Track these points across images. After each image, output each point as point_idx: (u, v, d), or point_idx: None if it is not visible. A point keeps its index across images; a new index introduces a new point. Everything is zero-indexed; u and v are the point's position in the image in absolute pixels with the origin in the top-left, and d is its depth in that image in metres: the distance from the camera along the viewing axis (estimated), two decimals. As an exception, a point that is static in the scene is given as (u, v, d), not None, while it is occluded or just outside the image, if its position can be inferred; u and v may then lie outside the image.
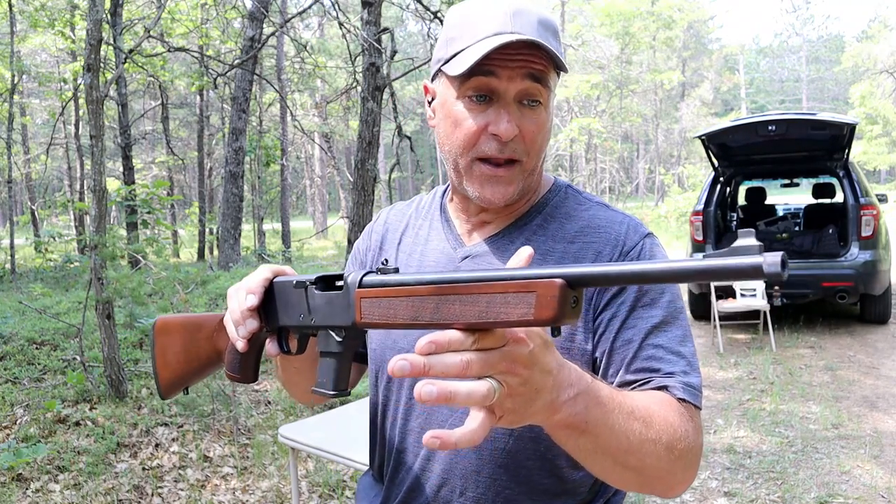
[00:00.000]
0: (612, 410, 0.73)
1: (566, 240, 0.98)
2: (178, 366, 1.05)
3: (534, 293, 0.60)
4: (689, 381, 0.90)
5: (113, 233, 4.19)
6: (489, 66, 0.89)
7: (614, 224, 0.98)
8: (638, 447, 0.76)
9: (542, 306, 0.60)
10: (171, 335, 1.05)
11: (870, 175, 34.45)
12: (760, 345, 6.03)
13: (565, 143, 23.84)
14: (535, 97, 0.91)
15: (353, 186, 5.17)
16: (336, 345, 0.84)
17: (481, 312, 0.62)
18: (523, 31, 0.88)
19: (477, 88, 0.91)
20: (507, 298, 0.61)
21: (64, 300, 6.85)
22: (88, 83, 3.82)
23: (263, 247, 15.76)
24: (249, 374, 0.99)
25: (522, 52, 0.88)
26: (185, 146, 21.39)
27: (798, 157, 7.02)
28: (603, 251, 0.95)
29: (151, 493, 3.17)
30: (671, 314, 0.93)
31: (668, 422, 0.81)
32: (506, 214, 1.02)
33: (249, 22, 9.87)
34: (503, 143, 0.91)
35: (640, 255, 0.95)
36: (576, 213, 1.01)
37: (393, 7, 9.80)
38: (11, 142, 13.15)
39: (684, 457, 0.82)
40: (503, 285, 0.62)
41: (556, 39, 0.93)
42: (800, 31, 54.27)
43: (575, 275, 0.60)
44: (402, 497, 1.01)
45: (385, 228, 1.14)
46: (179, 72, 13.58)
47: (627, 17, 26.29)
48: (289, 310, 0.89)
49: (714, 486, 3.36)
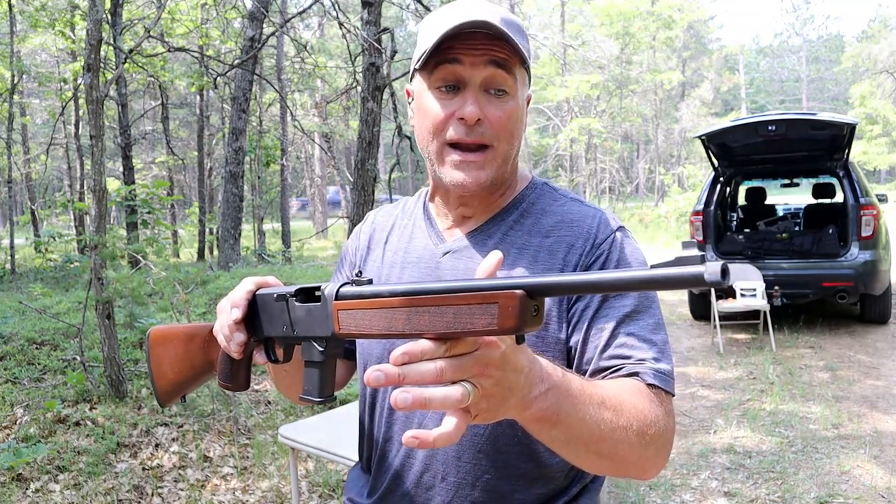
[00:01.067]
0: (582, 402, 0.76)
1: (541, 234, 1.02)
2: (174, 375, 1.08)
3: (496, 304, 0.63)
4: (659, 368, 0.92)
5: (113, 233, 4.19)
6: (452, 54, 0.93)
7: (587, 218, 1.02)
8: (609, 435, 0.79)
9: (505, 316, 0.62)
10: (166, 345, 1.08)
11: (870, 175, 34.45)
12: (760, 345, 6.03)
13: (565, 143, 23.83)
14: (501, 86, 0.95)
15: (353, 186, 5.17)
16: (318, 354, 0.86)
17: (449, 323, 0.65)
18: (489, 19, 0.92)
19: (444, 79, 0.95)
20: (471, 310, 0.64)
21: (64, 300, 6.85)
22: (88, 83, 3.82)
23: (263, 247, 15.76)
24: (240, 383, 1.02)
25: (484, 42, 0.93)
26: (185, 146, 21.38)
27: (798, 157, 7.02)
28: (576, 244, 1.00)
29: (151, 493, 3.17)
30: (643, 303, 0.97)
31: (638, 409, 0.84)
32: (484, 210, 1.06)
33: (249, 22, 9.87)
34: (469, 126, 0.95)
35: (612, 248, 0.99)
36: (551, 208, 1.05)
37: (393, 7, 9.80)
38: (11, 142, 13.15)
39: (656, 441, 0.85)
40: (467, 297, 0.65)
41: (520, 36, 0.96)
42: (800, 31, 54.25)
43: (534, 285, 0.63)
44: (388, 484, 1.05)
45: (373, 229, 1.19)
46: (179, 72, 13.58)
47: (627, 17, 26.28)
48: (273, 321, 0.92)
49: (714, 486, 3.36)
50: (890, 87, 27.45)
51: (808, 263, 6.33)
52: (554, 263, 0.99)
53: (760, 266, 6.18)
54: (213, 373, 1.08)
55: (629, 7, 25.80)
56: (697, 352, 6.02)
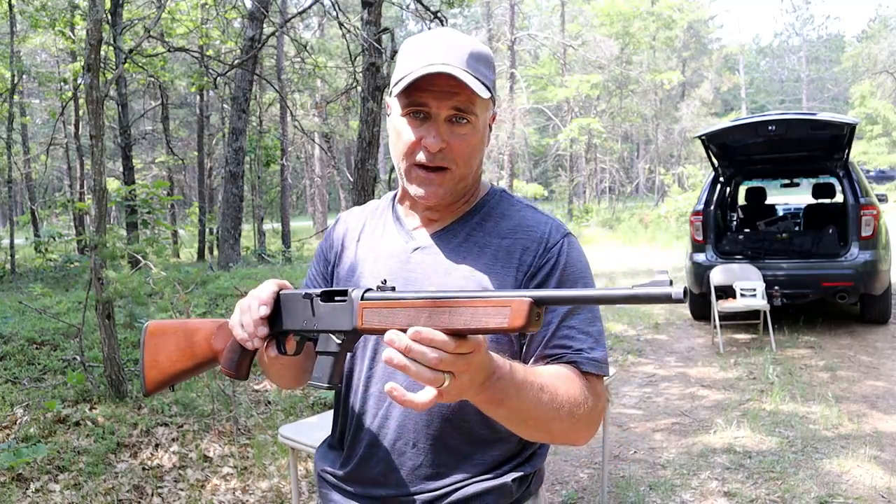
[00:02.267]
0: (524, 388, 0.96)
1: (500, 236, 1.18)
2: (169, 364, 1.17)
3: (509, 307, 0.81)
4: (593, 357, 1.11)
5: (113, 233, 4.19)
6: (421, 97, 1.09)
7: (540, 224, 1.18)
8: (544, 414, 1.00)
9: (515, 317, 0.81)
10: (165, 336, 1.17)
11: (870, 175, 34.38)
12: (760, 345, 6.03)
13: (565, 143, 23.83)
14: (464, 115, 1.10)
15: (353, 186, 5.17)
16: (335, 346, 0.99)
17: (466, 321, 0.82)
18: (453, 63, 1.07)
19: (414, 109, 1.11)
20: (487, 311, 0.82)
21: (64, 300, 6.85)
22: (88, 83, 3.83)
23: (263, 247, 15.76)
24: (244, 372, 1.14)
25: (449, 86, 1.07)
26: (185, 146, 21.39)
27: (798, 157, 7.01)
28: (530, 247, 1.15)
29: (151, 493, 3.17)
30: None
31: (570, 393, 1.03)
32: (449, 213, 1.21)
33: (249, 22, 9.87)
34: (432, 153, 1.11)
35: (560, 252, 1.15)
36: (508, 213, 1.21)
37: (393, 7, 9.80)
38: (11, 142, 13.14)
39: (584, 418, 1.05)
40: (485, 301, 0.82)
41: (486, 68, 1.12)
42: (800, 31, 54.25)
43: (540, 296, 0.82)
44: (363, 452, 1.18)
45: (345, 229, 1.32)
46: (179, 72, 13.58)
47: (627, 17, 26.26)
48: (294, 316, 1.05)
49: (714, 486, 3.36)
50: (890, 87, 27.45)
51: (808, 263, 6.33)
52: (511, 262, 1.15)
53: (760, 266, 6.18)
54: (213, 363, 1.17)
55: (629, 7, 25.79)
56: (697, 352, 6.02)
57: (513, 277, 1.13)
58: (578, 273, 1.16)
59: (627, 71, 26.59)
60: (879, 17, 42.57)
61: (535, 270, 1.14)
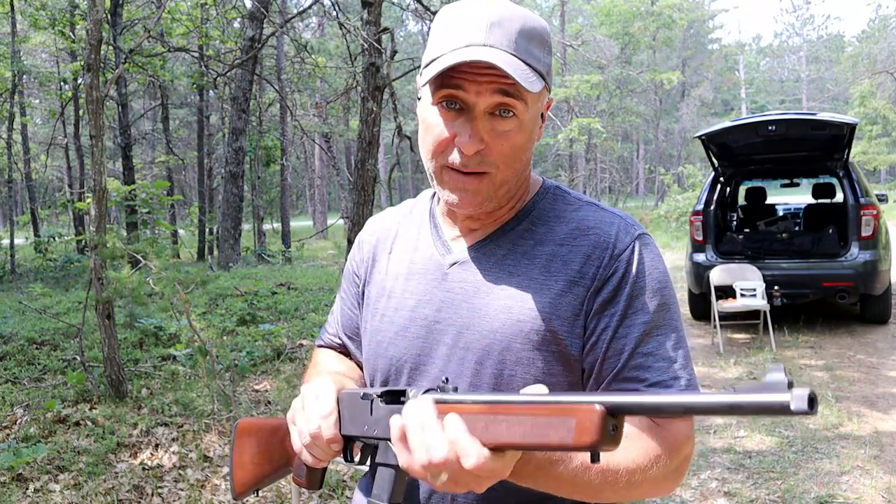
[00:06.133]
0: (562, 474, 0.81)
1: (555, 242, 0.97)
2: (253, 468, 1.07)
3: (574, 418, 0.65)
4: None
5: (113, 233, 4.19)
6: (457, 79, 0.88)
7: (604, 225, 0.97)
8: (593, 491, 0.84)
9: (582, 431, 0.65)
10: (251, 437, 1.07)
11: (870, 175, 34.43)
12: (760, 345, 6.03)
13: (565, 143, 23.84)
14: (509, 108, 0.90)
15: (353, 186, 5.17)
16: (394, 457, 0.81)
17: (526, 433, 0.68)
18: (498, 45, 0.87)
19: (448, 97, 0.90)
20: (549, 420, 0.67)
21: (64, 300, 6.85)
22: (88, 83, 3.83)
23: (263, 247, 15.76)
24: (316, 482, 1.01)
25: (492, 68, 0.86)
26: (185, 146, 21.38)
27: (798, 157, 7.01)
28: (593, 254, 0.94)
29: (151, 493, 3.17)
30: (662, 318, 0.93)
31: (629, 458, 0.84)
32: (492, 220, 1.01)
33: (249, 22, 9.88)
34: (467, 156, 0.90)
35: (630, 259, 0.94)
36: (565, 214, 1.00)
37: (393, 7, 9.80)
38: (11, 142, 13.14)
39: (653, 480, 0.86)
40: (546, 408, 0.68)
41: (540, 48, 0.92)
42: (800, 31, 54.24)
43: (615, 403, 0.65)
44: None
45: (376, 239, 1.13)
46: (179, 72, 13.57)
47: (627, 17, 26.28)
48: (355, 420, 0.91)
49: (714, 486, 3.36)
50: (890, 87, 27.45)
51: (808, 263, 6.33)
52: (568, 273, 0.94)
53: (760, 266, 6.17)
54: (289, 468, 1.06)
55: (629, 7, 25.80)
56: (697, 352, 6.03)
57: (572, 294, 0.93)
58: (655, 286, 0.94)
59: (627, 71, 26.60)
60: (879, 18, 42.57)
61: (601, 284, 0.93)
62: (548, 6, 37.32)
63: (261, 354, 5.09)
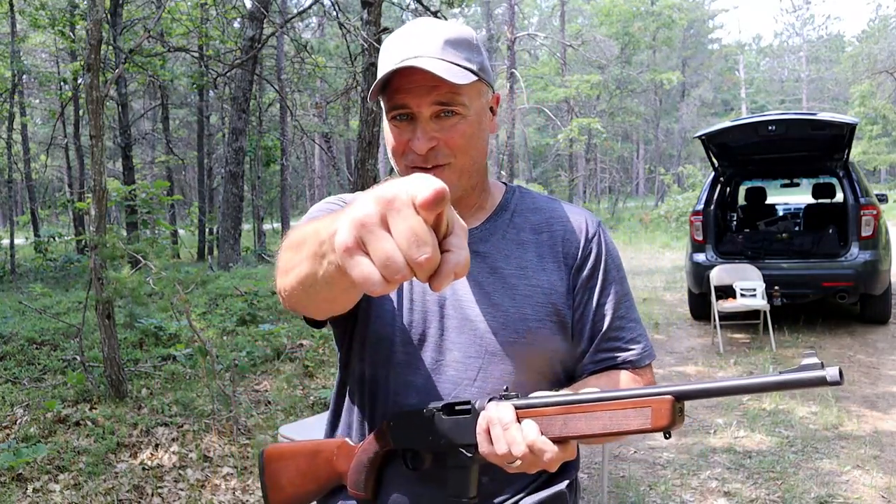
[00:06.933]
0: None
1: (534, 231, 1.13)
2: (293, 489, 1.12)
3: (650, 408, 0.80)
4: (645, 347, 1.13)
5: (113, 233, 4.20)
6: (401, 95, 1.00)
7: (573, 215, 1.15)
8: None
9: (658, 417, 0.80)
10: (286, 461, 1.13)
11: (870, 175, 34.44)
12: (760, 345, 6.02)
13: (565, 143, 23.84)
14: (450, 108, 1.01)
15: (353, 186, 5.17)
16: (466, 459, 0.96)
17: (605, 425, 0.82)
18: (424, 53, 0.99)
19: (396, 109, 1.03)
20: (626, 413, 0.81)
21: (64, 300, 6.85)
22: (88, 83, 3.83)
23: (263, 247, 15.75)
24: (371, 489, 1.07)
25: (426, 77, 0.97)
26: (185, 146, 21.38)
27: (798, 157, 7.01)
28: (570, 238, 1.12)
29: (151, 493, 3.17)
30: (625, 286, 1.15)
31: None
32: (473, 213, 1.13)
33: (249, 22, 9.87)
34: (423, 155, 1.02)
35: (601, 241, 1.14)
36: (536, 205, 1.17)
37: (393, 7, 9.80)
38: (11, 142, 13.14)
39: None
40: (622, 403, 0.82)
41: (467, 51, 1.03)
42: (800, 31, 54.21)
43: (681, 391, 0.81)
44: None
45: None
46: (179, 72, 13.57)
47: (627, 17, 26.28)
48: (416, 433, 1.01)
49: (714, 486, 3.36)
50: (890, 87, 27.44)
51: (808, 263, 6.32)
52: (555, 255, 1.11)
53: (760, 266, 6.17)
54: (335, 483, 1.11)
55: (629, 7, 25.80)
56: (697, 352, 6.02)
57: (560, 271, 1.10)
58: (618, 262, 1.16)
59: (627, 71, 26.59)
60: (879, 18, 42.56)
61: (581, 262, 1.11)
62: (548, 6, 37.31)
63: (261, 354, 5.09)
